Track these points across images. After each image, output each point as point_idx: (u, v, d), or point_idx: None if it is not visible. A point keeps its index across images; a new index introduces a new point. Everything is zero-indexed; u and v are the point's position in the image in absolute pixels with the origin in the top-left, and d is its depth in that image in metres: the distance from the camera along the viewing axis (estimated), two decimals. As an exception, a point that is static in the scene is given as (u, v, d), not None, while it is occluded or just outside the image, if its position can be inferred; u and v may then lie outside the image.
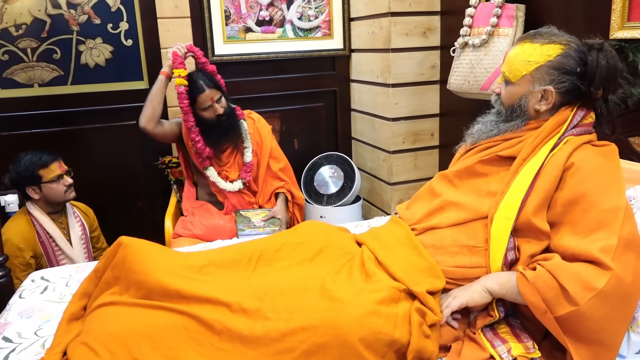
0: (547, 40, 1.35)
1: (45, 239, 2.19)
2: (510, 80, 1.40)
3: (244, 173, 2.42)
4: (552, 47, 1.34)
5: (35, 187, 2.17)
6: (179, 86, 2.25)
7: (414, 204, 1.57)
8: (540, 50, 1.34)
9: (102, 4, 2.58)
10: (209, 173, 2.40)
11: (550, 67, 1.34)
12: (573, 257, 1.18)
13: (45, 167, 2.17)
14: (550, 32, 1.38)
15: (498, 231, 1.28)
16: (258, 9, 2.89)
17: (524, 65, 1.36)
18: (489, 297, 1.25)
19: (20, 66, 2.53)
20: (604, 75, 1.30)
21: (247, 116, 2.52)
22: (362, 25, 2.93)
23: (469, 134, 1.55)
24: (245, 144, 2.44)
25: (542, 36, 1.37)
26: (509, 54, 1.42)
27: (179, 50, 2.28)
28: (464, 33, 2.25)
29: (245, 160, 2.43)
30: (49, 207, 2.23)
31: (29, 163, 2.16)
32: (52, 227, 2.21)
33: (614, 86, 1.33)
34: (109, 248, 1.44)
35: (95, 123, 2.70)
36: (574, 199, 1.23)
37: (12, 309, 1.53)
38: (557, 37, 1.36)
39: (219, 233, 2.34)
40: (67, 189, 2.22)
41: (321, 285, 1.29)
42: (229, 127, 2.38)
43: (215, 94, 2.31)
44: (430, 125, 2.85)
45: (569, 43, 1.34)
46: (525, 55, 1.36)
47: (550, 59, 1.33)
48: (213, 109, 2.31)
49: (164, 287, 1.28)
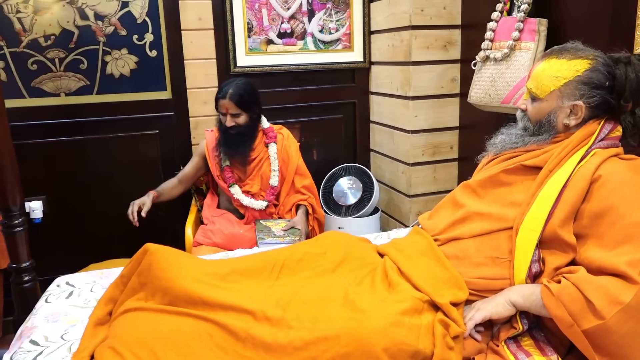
0: (573, 56, 1.36)
1: None
2: (538, 97, 1.40)
3: (269, 195, 2.45)
4: (580, 62, 1.34)
5: None
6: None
7: (437, 214, 1.58)
8: (568, 65, 1.35)
9: (128, 16, 2.64)
10: (233, 191, 2.43)
11: (579, 82, 1.34)
12: (599, 270, 1.17)
13: None
14: (576, 47, 1.39)
15: (523, 243, 1.28)
16: (280, 22, 2.93)
17: (552, 81, 1.37)
18: (512, 310, 1.25)
19: (48, 76, 2.59)
20: (633, 88, 1.31)
21: (277, 131, 2.55)
22: (383, 38, 2.95)
23: (491, 144, 1.56)
24: (272, 167, 2.47)
25: (569, 51, 1.38)
26: (534, 70, 1.42)
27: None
28: (486, 47, 2.26)
29: (271, 184, 2.46)
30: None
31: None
32: None
33: None
34: (134, 255, 1.47)
35: (118, 132, 2.75)
36: (600, 211, 1.23)
37: (39, 313, 1.55)
38: (584, 52, 1.36)
39: (239, 242, 2.36)
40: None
41: (344, 296, 1.29)
42: (235, 143, 2.40)
43: (232, 107, 2.34)
44: (450, 138, 2.85)
45: (596, 57, 1.35)
46: (552, 71, 1.37)
47: (579, 74, 1.34)
48: (226, 118, 2.36)
49: (188, 294, 1.30)
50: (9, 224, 1.77)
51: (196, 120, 2.84)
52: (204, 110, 2.81)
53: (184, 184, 2.55)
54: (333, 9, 3.00)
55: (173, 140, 2.84)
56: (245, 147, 2.43)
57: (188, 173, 2.55)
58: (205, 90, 2.82)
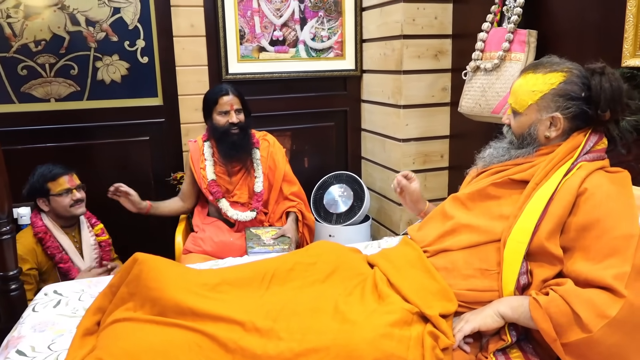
0: (549, 70, 1.39)
1: (53, 250, 2.21)
2: (518, 111, 1.44)
3: (255, 202, 2.44)
4: (555, 75, 1.37)
5: (45, 199, 2.21)
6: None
7: (426, 226, 1.59)
8: (543, 79, 1.38)
9: (120, 22, 2.64)
10: (221, 205, 2.43)
11: (554, 95, 1.37)
12: (586, 283, 1.19)
13: (53, 180, 2.21)
14: (551, 61, 1.42)
15: (511, 255, 1.29)
16: (272, 29, 2.94)
17: (529, 95, 1.40)
18: (501, 322, 1.25)
19: (38, 81, 2.58)
20: (608, 97, 1.33)
21: (262, 138, 2.55)
22: (374, 47, 2.97)
23: (480, 157, 1.58)
24: (256, 173, 2.47)
25: (544, 66, 1.41)
26: (513, 86, 1.46)
27: None
28: (476, 57, 2.28)
29: (256, 190, 2.46)
30: (60, 220, 2.25)
31: (40, 175, 2.21)
32: (63, 239, 2.24)
33: (621, 107, 1.36)
34: (124, 264, 1.46)
35: (109, 138, 2.74)
36: (587, 224, 1.24)
37: (26, 322, 1.54)
38: (558, 65, 1.39)
39: (229, 250, 2.36)
40: (75, 203, 2.24)
41: (334, 307, 1.30)
42: (238, 142, 2.40)
43: (237, 103, 2.36)
44: (440, 147, 2.87)
45: (570, 70, 1.38)
46: (529, 86, 1.40)
47: (554, 86, 1.37)
48: (229, 116, 2.35)
49: (178, 305, 1.29)
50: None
51: (187, 127, 2.84)
52: (196, 117, 2.81)
53: (187, 201, 2.56)
54: (325, 17, 3.02)
55: (164, 147, 2.83)
56: (248, 145, 2.44)
57: (186, 190, 2.55)
58: (197, 96, 2.81)
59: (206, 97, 2.46)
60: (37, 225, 2.20)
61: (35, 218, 2.23)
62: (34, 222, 2.22)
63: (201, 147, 2.48)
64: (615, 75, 1.36)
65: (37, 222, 2.21)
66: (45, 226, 2.21)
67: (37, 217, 2.23)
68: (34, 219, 2.23)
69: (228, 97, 2.36)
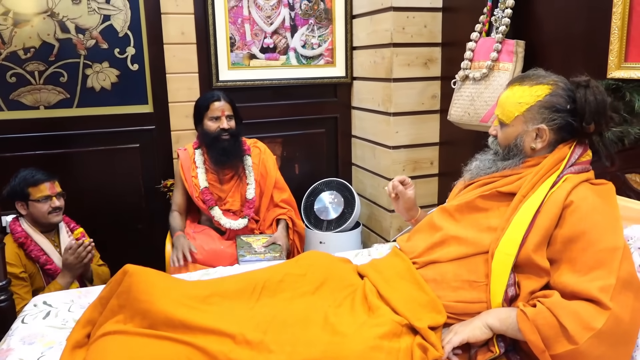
0: (535, 82, 1.41)
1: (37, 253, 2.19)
2: (505, 122, 1.46)
3: (247, 209, 2.45)
4: (541, 87, 1.40)
5: (23, 203, 2.20)
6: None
7: (415, 237, 1.60)
8: (530, 91, 1.40)
9: (110, 30, 2.63)
10: (213, 213, 2.43)
11: (540, 107, 1.39)
12: (572, 295, 1.20)
13: (35, 186, 2.20)
14: (537, 74, 1.44)
15: (499, 267, 1.31)
16: (263, 37, 2.94)
17: (516, 107, 1.42)
18: (489, 333, 1.27)
19: (27, 88, 2.56)
20: (593, 110, 1.36)
21: (253, 145, 2.55)
22: (364, 55, 2.98)
23: (466, 170, 1.60)
24: (248, 180, 2.47)
25: (530, 78, 1.43)
26: (500, 98, 1.48)
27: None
28: (465, 66, 2.30)
29: (248, 197, 2.46)
30: (38, 225, 2.24)
31: (22, 179, 2.20)
32: (43, 241, 2.22)
33: (605, 119, 1.39)
34: (114, 276, 1.46)
35: (99, 145, 2.73)
36: (573, 236, 1.26)
37: (15, 334, 1.53)
38: (544, 78, 1.42)
39: (219, 258, 2.35)
40: (53, 211, 2.23)
41: (324, 318, 1.31)
42: (229, 148, 2.41)
43: (228, 109, 2.38)
44: (430, 154, 2.89)
45: (556, 83, 1.40)
46: (515, 98, 1.42)
47: (540, 98, 1.39)
48: (220, 121, 2.36)
49: (168, 317, 1.29)
50: (-15, 242, 1.74)
51: (178, 134, 2.84)
52: (186, 124, 2.80)
53: (184, 212, 2.56)
54: (316, 25, 3.03)
55: (154, 154, 2.82)
56: (239, 151, 2.45)
57: (180, 202, 2.54)
58: (187, 104, 2.81)
59: (197, 103, 2.47)
60: (17, 231, 2.19)
61: (14, 225, 2.21)
62: (13, 228, 2.20)
63: (192, 155, 2.48)
64: (600, 88, 1.38)
65: (15, 228, 2.20)
66: (25, 231, 2.20)
67: (16, 224, 2.21)
68: (13, 225, 2.21)
69: (220, 103, 2.37)
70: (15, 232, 2.18)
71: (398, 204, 1.79)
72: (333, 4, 3.02)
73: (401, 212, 1.80)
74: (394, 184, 1.76)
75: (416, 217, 1.79)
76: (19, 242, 2.17)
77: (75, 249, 2.15)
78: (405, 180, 1.76)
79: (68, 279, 2.18)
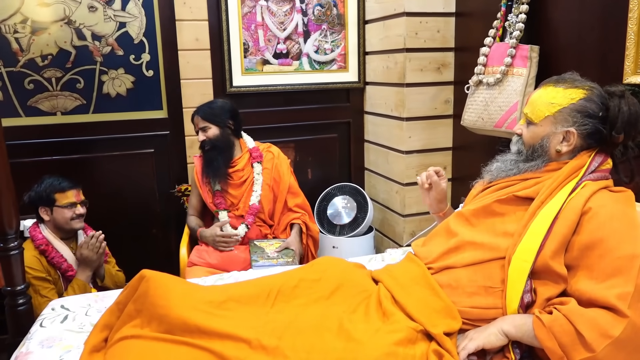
0: (570, 85, 1.40)
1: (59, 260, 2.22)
2: (533, 121, 1.44)
3: (249, 216, 2.45)
4: (576, 91, 1.39)
5: (47, 209, 2.23)
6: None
7: (430, 242, 1.59)
8: (564, 93, 1.39)
9: (125, 36, 2.67)
10: (220, 216, 2.46)
11: (573, 110, 1.38)
12: (589, 302, 1.20)
13: (62, 192, 2.23)
14: (574, 77, 1.44)
15: (515, 273, 1.30)
16: (276, 42, 2.96)
17: (547, 107, 1.41)
18: (505, 340, 1.26)
19: (44, 95, 2.61)
20: (625, 120, 1.35)
21: (266, 150, 2.56)
22: (377, 60, 2.99)
23: (487, 170, 1.58)
24: (254, 187, 2.48)
25: (566, 81, 1.42)
26: (532, 96, 1.47)
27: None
28: (478, 71, 2.30)
29: (249, 203, 2.46)
30: (59, 231, 2.27)
31: (49, 185, 2.23)
32: (63, 248, 2.25)
33: (635, 132, 1.38)
34: (130, 281, 1.47)
35: (114, 151, 2.76)
36: (590, 243, 1.25)
37: (34, 337, 1.55)
38: (580, 83, 1.41)
39: (233, 263, 2.37)
40: (76, 217, 2.26)
41: (339, 325, 1.31)
42: (214, 158, 2.42)
43: (200, 121, 2.43)
44: (443, 159, 2.88)
45: (591, 88, 1.39)
46: (548, 98, 1.41)
47: (574, 102, 1.38)
48: (199, 135, 2.43)
49: (185, 322, 1.30)
50: (5, 247, 1.76)
51: (192, 140, 2.86)
52: (200, 129, 2.82)
53: (201, 217, 2.59)
54: (328, 30, 3.04)
55: (168, 159, 2.85)
56: (219, 161, 2.43)
57: (197, 206, 2.57)
58: (201, 109, 2.84)
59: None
60: (38, 238, 2.22)
61: (35, 231, 2.24)
62: (33, 235, 2.23)
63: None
64: (634, 100, 1.38)
65: (36, 235, 2.23)
66: (46, 238, 2.23)
67: (37, 230, 2.24)
68: (33, 232, 2.24)
69: (195, 117, 2.45)
70: (36, 239, 2.21)
71: (429, 196, 1.78)
72: (346, 9, 3.04)
73: (432, 204, 1.79)
74: (429, 174, 1.74)
75: (444, 211, 1.78)
76: (40, 249, 2.20)
77: (88, 242, 2.21)
78: (440, 172, 1.75)
79: (88, 273, 2.23)
